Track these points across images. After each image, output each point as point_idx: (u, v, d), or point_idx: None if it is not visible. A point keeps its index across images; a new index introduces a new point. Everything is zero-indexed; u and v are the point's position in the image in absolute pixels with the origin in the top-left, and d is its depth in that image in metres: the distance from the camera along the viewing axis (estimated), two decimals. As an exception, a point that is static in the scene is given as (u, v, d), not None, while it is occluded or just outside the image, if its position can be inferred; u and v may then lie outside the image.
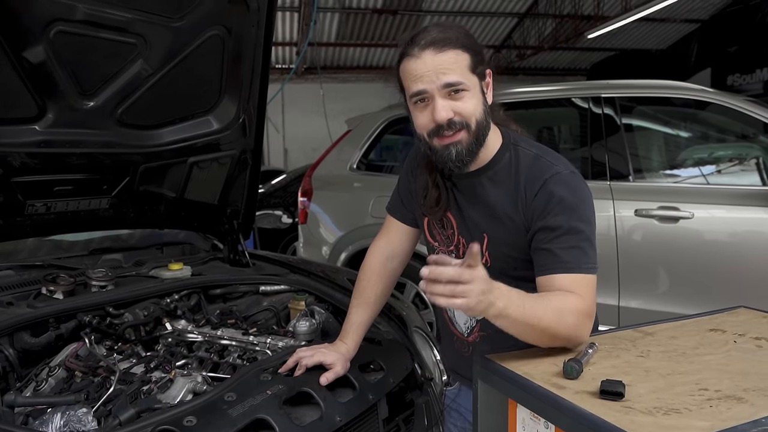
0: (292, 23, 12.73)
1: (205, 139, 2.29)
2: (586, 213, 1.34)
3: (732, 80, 13.14)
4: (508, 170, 1.41)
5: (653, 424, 0.90)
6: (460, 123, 1.34)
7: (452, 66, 1.31)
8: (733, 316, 1.45)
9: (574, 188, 1.35)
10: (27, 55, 1.71)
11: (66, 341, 1.81)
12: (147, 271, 2.29)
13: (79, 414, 1.41)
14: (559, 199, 1.32)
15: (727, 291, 3.01)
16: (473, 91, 1.34)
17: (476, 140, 1.36)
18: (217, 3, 1.94)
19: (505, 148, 1.43)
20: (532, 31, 13.73)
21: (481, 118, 1.36)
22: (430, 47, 1.32)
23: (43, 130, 1.89)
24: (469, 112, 1.34)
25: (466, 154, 1.36)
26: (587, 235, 1.32)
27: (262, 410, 1.42)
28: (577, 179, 1.37)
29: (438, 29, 1.34)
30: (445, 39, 1.32)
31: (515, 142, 1.44)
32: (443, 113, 1.32)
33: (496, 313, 1.17)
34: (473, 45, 1.35)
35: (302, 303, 2.18)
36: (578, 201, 1.33)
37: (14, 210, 2.02)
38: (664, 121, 3.75)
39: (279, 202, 7.20)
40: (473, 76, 1.34)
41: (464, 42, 1.33)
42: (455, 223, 1.50)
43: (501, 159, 1.42)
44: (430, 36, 1.33)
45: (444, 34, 1.33)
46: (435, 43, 1.32)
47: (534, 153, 1.41)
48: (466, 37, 1.35)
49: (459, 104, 1.33)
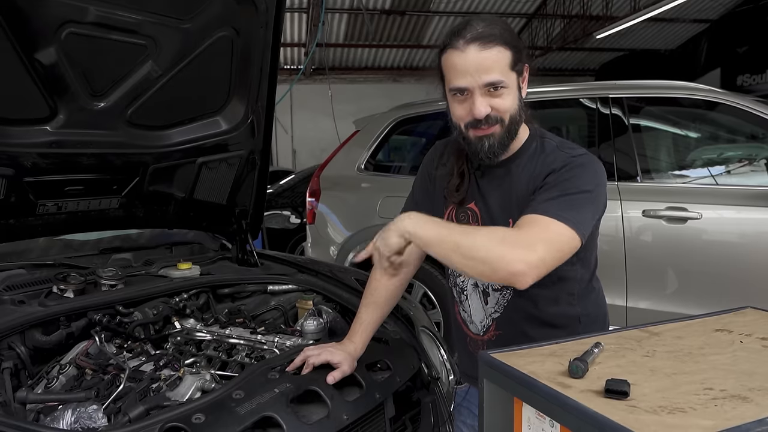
0: (300, 24, 12.76)
1: (214, 140, 2.30)
2: (585, 182, 1.37)
3: (742, 80, 13.05)
4: (533, 157, 1.46)
5: (658, 423, 0.90)
6: (496, 118, 1.39)
7: (494, 65, 1.35)
8: (740, 317, 1.45)
9: (585, 166, 1.39)
10: (39, 57, 1.72)
11: (77, 339, 1.83)
12: (156, 270, 2.31)
13: (90, 411, 1.43)
14: (566, 167, 1.38)
15: (734, 292, 2.99)
16: (511, 87, 1.39)
17: (508, 133, 1.42)
18: (226, 4, 1.95)
19: (532, 139, 1.49)
20: (541, 31, 13.70)
21: (515, 113, 1.41)
22: (475, 42, 1.35)
23: (54, 131, 1.91)
24: (506, 108, 1.39)
25: (498, 146, 1.42)
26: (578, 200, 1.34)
27: (270, 408, 1.43)
28: (595, 160, 1.43)
29: (484, 24, 1.37)
30: (491, 35, 1.35)
31: (541, 135, 1.49)
32: (482, 109, 1.37)
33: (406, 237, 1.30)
34: (515, 41, 1.38)
35: (310, 302, 2.19)
36: (585, 174, 1.38)
37: (26, 210, 2.04)
38: (672, 121, 3.73)
39: (287, 203, 7.22)
40: (512, 73, 1.38)
41: (507, 39, 1.36)
42: (480, 214, 1.51)
43: (528, 148, 1.48)
44: (476, 30, 1.35)
45: (490, 29, 1.35)
46: (480, 38, 1.34)
47: (557, 143, 1.47)
48: (509, 33, 1.38)
49: (497, 101, 1.38)
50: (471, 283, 1.57)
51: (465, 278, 1.59)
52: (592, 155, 1.45)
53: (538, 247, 1.25)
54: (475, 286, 1.57)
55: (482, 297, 1.55)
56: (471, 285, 1.58)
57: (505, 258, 1.22)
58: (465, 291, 1.60)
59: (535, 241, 1.26)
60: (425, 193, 1.65)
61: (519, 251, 1.23)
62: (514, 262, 1.22)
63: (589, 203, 1.37)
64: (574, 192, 1.35)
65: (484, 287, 1.55)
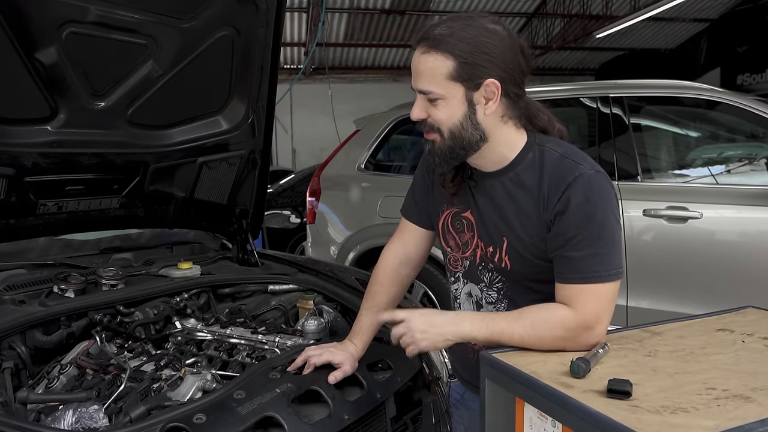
0: (300, 24, 12.76)
1: (215, 140, 2.30)
2: (606, 217, 1.28)
3: (741, 80, 13.07)
4: (531, 171, 1.35)
5: (660, 423, 0.90)
6: (431, 125, 1.33)
7: (428, 72, 1.28)
8: (742, 316, 1.45)
9: (597, 190, 1.29)
10: (39, 57, 1.72)
11: (77, 339, 1.83)
12: (157, 270, 2.31)
13: (91, 411, 1.42)
14: (578, 204, 1.27)
15: (736, 291, 2.99)
16: (449, 100, 1.29)
17: (452, 148, 1.33)
18: (226, 4, 1.95)
19: (529, 149, 1.37)
20: (541, 31, 13.70)
21: (456, 128, 1.31)
22: (422, 44, 1.29)
23: (55, 131, 1.91)
24: (440, 120, 1.32)
25: (438, 156, 1.36)
26: (608, 240, 1.28)
27: (271, 408, 1.43)
28: (601, 179, 1.31)
29: (447, 24, 1.28)
30: (440, 39, 1.26)
31: (540, 143, 1.37)
32: (415, 112, 1.34)
33: (458, 339, 1.32)
34: (469, 51, 1.25)
35: (311, 302, 2.19)
36: (598, 205, 1.28)
37: (26, 209, 2.03)
38: (672, 120, 3.73)
39: (287, 202, 7.22)
40: (454, 85, 1.28)
41: (456, 47, 1.25)
42: (475, 224, 1.45)
43: (523, 160, 1.37)
44: (432, 31, 1.29)
45: (446, 31, 1.27)
46: (428, 40, 1.28)
47: (559, 153, 1.35)
48: (466, 41, 1.26)
49: (432, 110, 1.32)
50: (464, 292, 1.54)
51: (459, 286, 1.54)
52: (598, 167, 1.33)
53: (598, 324, 1.27)
54: (468, 295, 1.53)
55: (476, 308, 1.52)
56: (464, 294, 1.54)
57: (578, 345, 1.25)
58: (458, 299, 1.56)
59: (593, 321, 1.26)
60: (425, 192, 1.59)
61: (584, 336, 1.26)
62: (584, 345, 1.25)
63: (617, 231, 1.30)
64: (601, 234, 1.27)
65: (478, 299, 1.50)
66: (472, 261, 1.48)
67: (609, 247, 1.28)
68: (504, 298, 1.45)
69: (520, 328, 1.26)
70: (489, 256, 1.43)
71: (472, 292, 1.51)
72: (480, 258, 1.45)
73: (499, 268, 1.42)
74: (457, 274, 1.54)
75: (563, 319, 1.26)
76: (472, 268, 1.49)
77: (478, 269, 1.47)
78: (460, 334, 1.32)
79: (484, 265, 1.45)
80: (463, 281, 1.53)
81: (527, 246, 1.36)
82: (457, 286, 1.55)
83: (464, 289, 1.53)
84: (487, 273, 1.46)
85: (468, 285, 1.51)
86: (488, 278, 1.46)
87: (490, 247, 1.42)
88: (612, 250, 1.28)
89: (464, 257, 1.49)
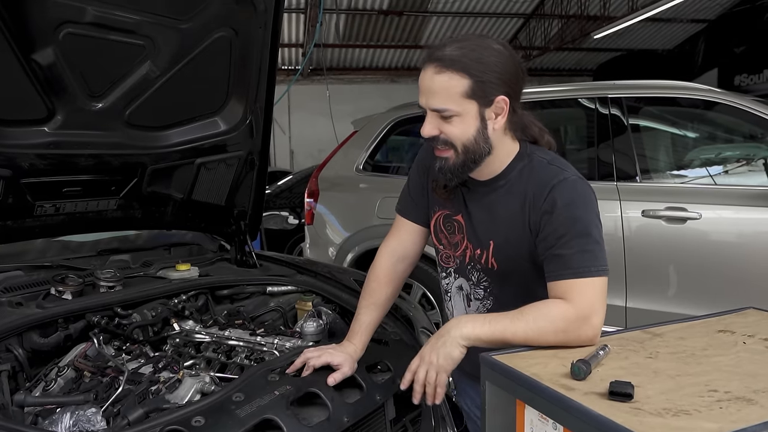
0: (298, 24, 12.75)
1: (213, 141, 2.29)
2: (591, 217, 1.37)
3: (739, 80, 13.08)
4: (519, 178, 1.45)
5: (662, 426, 0.89)
6: (445, 142, 1.39)
7: (442, 90, 1.34)
8: (742, 318, 1.44)
9: (581, 192, 1.38)
10: (36, 57, 1.72)
11: (75, 341, 1.82)
12: (155, 271, 2.30)
13: (88, 414, 1.42)
14: (565, 205, 1.35)
15: (735, 292, 2.99)
16: (465, 116, 1.36)
17: (464, 162, 1.40)
18: (224, 5, 1.94)
19: (519, 159, 1.46)
20: (538, 31, 13.70)
21: (470, 142, 1.38)
22: (433, 64, 1.35)
23: (52, 132, 1.90)
24: (455, 136, 1.38)
25: (453, 171, 1.42)
26: (595, 238, 1.35)
27: (270, 410, 1.42)
28: (584, 184, 1.41)
29: (455, 45, 1.35)
30: (451, 59, 1.33)
31: (530, 153, 1.47)
32: (427, 130, 1.39)
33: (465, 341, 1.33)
34: (482, 70, 1.33)
35: (309, 304, 2.18)
36: (582, 206, 1.37)
37: (23, 211, 2.03)
38: (671, 121, 3.74)
39: (285, 203, 7.20)
40: (469, 102, 1.35)
41: (470, 66, 1.32)
42: (465, 227, 1.53)
43: (513, 169, 1.46)
44: (442, 51, 1.35)
45: (456, 52, 1.33)
46: (440, 60, 1.34)
47: (546, 160, 1.44)
48: (478, 60, 1.33)
49: (446, 126, 1.38)
50: (455, 286, 1.62)
51: (450, 281, 1.63)
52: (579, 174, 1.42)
53: (594, 315, 1.30)
54: (459, 288, 1.61)
55: (465, 301, 1.60)
56: (455, 287, 1.62)
57: (579, 337, 1.29)
58: (449, 293, 1.65)
59: (589, 311, 1.30)
60: (421, 192, 1.65)
61: (584, 328, 1.29)
62: (585, 338, 1.29)
63: (601, 232, 1.38)
64: (589, 232, 1.35)
65: (468, 293, 1.59)
66: (462, 260, 1.57)
67: (595, 245, 1.35)
68: (490, 296, 1.54)
69: (522, 324, 1.30)
70: (477, 258, 1.52)
71: (462, 286, 1.60)
72: (469, 258, 1.54)
73: (486, 268, 1.51)
74: (448, 269, 1.63)
75: (562, 311, 1.30)
76: (462, 266, 1.58)
77: (467, 268, 1.56)
78: (464, 335, 1.34)
79: (473, 265, 1.54)
80: (454, 276, 1.62)
81: (514, 247, 1.44)
82: (449, 281, 1.64)
83: (455, 284, 1.62)
84: (475, 272, 1.55)
85: (459, 279, 1.60)
86: (476, 277, 1.55)
87: (477, 249, 1.51)
88: (598, 247, 1.35)
89: (456, 255, 1.58)
